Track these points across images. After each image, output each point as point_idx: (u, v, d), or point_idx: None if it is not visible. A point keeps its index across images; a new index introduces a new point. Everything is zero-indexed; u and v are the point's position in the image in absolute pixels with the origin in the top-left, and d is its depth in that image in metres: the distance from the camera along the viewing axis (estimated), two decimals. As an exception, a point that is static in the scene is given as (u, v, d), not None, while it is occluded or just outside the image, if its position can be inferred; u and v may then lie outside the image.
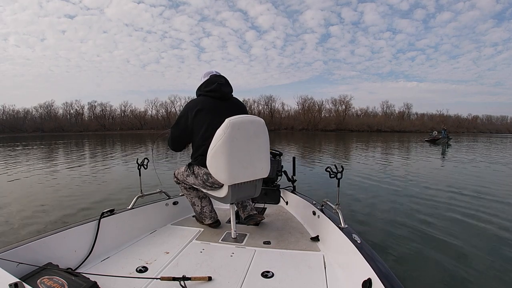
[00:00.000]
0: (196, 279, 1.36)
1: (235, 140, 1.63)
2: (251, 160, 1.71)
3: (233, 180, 1.69)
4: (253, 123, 1.71)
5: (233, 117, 1.64)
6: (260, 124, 1.74)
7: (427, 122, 74.69)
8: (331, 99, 76.95)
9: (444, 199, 4.88)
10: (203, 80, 1.91)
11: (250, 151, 1.70)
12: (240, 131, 1.64)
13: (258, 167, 1.76)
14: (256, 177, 1.79)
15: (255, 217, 2.10)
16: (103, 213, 1.78)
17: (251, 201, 2.26)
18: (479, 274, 2.43)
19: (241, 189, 1.78)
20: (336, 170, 1.74)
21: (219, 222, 2.17)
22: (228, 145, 1.61)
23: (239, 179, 1.71)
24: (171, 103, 74.36)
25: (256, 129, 1.72)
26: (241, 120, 1.65)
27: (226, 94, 1.87)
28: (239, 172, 1.69)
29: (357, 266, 1.28)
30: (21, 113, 68.36)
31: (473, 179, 6.94)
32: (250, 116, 1.74)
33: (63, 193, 5.38)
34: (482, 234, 3.30)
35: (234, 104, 1.91)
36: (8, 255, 1.23)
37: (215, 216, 2.16)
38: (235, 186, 1.74)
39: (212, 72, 1.97)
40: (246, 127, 1.67)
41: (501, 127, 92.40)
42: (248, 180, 1.76)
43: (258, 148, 1.73)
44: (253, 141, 1.70)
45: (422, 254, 2.80)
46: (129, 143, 23.03)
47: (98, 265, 1.55)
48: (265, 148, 1.78)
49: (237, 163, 1.66)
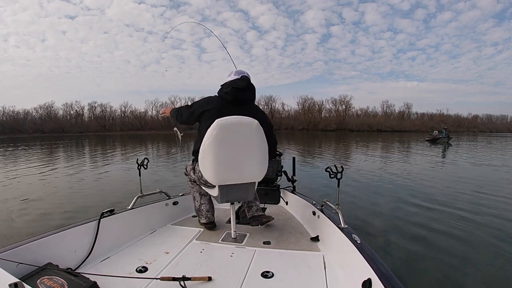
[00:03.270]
0: (196, 279, 1.36)
1: (223, 141, 1.60)
2: (241, 163, 1.66)
3: (220, 181, 1.68)
4: (244, 125, 1.64)
5: (223, 118, 1.62)
6: (253, 126, 1.64)
7: (427, 121, 74.62)
8: (331, 99, 76.98)
9: (444, 199, 4.87)
10: (228, 79, 1.91)
11: (239, 154, 1.65)
12: (229, 132, 1.61)
13: (248, 171, 1.69)
14: (246, 180, 1.73)
15: (260, 219, 2.05)
16: (103, 213, 1.78)
17: (257, 201, 2.20)
18: (479, 274, 2.43)
19: (231, 191, 1.75)
20: (336, 170, 1.73)
21: (214, 225, 2.12)
22: (215, 146, 1.60)
23: (227, 181, 1.69)
24: (171, 103, 74.26)
25: (247, 131, 1.64)
26: (231, 121, 1.62)
27: (239, 99, 1.82)
28: (226, 174, 1.66)
29: (357, 266, 1.28)
30: (21, 114, 68.32)
31: (474, 179, 6.94)
32: (242, 117, 1.66)
33: (63, 193, 5.38)
34: (482, 234, 3.29)
35: (247, 110, 1.80)
36: (8, 255, 1.23)
37: (211, 217, 2.11)
38: (224, 187, 1.71)
39: (243, 73, 1.93)
40: (235, 129, 1.62)
41: (501, 126, 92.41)
42: (238, 183, 1.72)
43: (249, 151, 1.66)
44: (243, 143, 1.64)
45: (422, 254, 2.79)
46: (129, 144, 23.02)
47: (98, 265, 1.55)
48: (257, 151, 1.68)
49: (224, 165, 1.64)
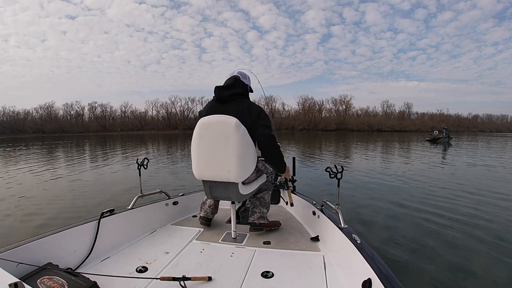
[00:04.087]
0: (196, 279, 1.36)
1: (202, 139, 1.70)
2: (218, 161, 1.68)
3: (200, 176, 1.78)
4: (222, 123, 1.64)
5: (205, 117, 1.71)
6: (230, 125, 1.62)
7: (428, 121, 74.50)
8: (331, 99, 76.84)
9: (445, 199, 4.87)
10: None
11: (217, 152, 1.67)
12: (208, 130, 1.68)
13: (224, 170, 1.68)
14: (224, 180, 1.72)
15: (258, 228, 2.00)
16: (103, 213, 1.78)
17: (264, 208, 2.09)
18: (480, 275, 2.43)
19: (213, 188, 1.81)
20: (336, 170, 1.74)
21: (209, 222, 2.14)
22: (196, 143, 1.72)
23: (206, 177, 1.76)
24: (172, 103, 74.29)
25: (223, 130, 1.64)
26: (210, 120, 1.68)
27: (221, 98, 1.82)
28: (205, 170, 1.74)
29: (357, 266, 1.28)
30: (22, 115, 68.28)
31: (475, 179, 6.94)
32: (221, 116, 1.68)
33: (63, 193, 5.39)
34: (483, 234, 3.29)
35: (232, 108, 1.77)
36: (8, 255, 1.23)
37: (209, 214, 2.14)
38: (207, 182, 1.81)
39: (234, 73, 1.94)
40: (213, 128, 1.67)
41: (502, 126, 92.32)
42: (217, 181, 1.75)
43: (226, 150, 1.65)
44: (220, 142, 1.65)
45: (422, 254, 2.79)
46: (130, 144, 23.03)
47: (98, 265, 1.55)
48: (235, 150, 1.64)
49: (203, 161, 1.73)
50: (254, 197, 2.06)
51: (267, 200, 2.09)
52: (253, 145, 1.74)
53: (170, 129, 63.92)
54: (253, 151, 1.74)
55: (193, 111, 67.91)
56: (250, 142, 1.70)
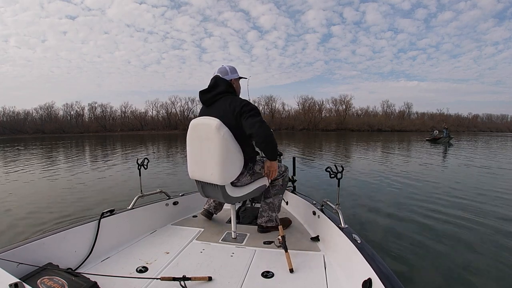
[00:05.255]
0: (196, 279, 1.36)
1: (190, 141, 1.79)
2: (203, 162, 1.73)
3: (193, 176, 1.86)
4: (205, 125, 1.68)
5: (194, 119, 1.80)
6: (212, 127, 1.62)
7: (428, 121, 74.51)
8: (331, 99, 76.78)
9: (445, 199, 4.86)
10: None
11: (202, 153, 1.72)
12: (195, 132, 1.75)
13: (208, 172, 1.71)
14: (210, 181, 1.74)
15: (265, 230, 2.01)
16: (103, 213, 1.78)
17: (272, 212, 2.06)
18: (480, 275, 2.43)
19: (205, 188, 1.87)
20: (336, 170, 1.74)
21: (210, 216, 2.27)
22: (187, 144, 1.82)
23: (195, 176, 1.84)
24: (172, 104, 74.24)
25: (206, 132, 1.67)
26: (197, 122, 1.76)
27: (206, 101, 1.85)
28: (195, 170, 1.82)
29: (357, 266, 1.28)
30: (22, 115, 68.24)
31: (475, 179, 6.94)
32: (205, 118, 1.72)
33: (63, 194, 5.38)
34: (483, 234, 3.28)
35: (216, 109, 1.78)
36: (8, 255, 1.23)
37: (211, 208, 2.27)
38: (199, 182, 1.88)
39: (215, 72, 1.92)
40: (199, 129, 1.73)
41: (502, 126, 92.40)
42: (206, 181, 1.78)
43: (209, 152, 1.67)
44: (204, 144, 1.69)
45: (423, 254, 2.79)
46: (130, 144, 23.03)
47: (98, 265, 1.55)
48: (216, 153, 1.64)
49: (192, 162, 1.82)
50: (264, 202, 2.05)
51: (277, 204, 2.06)
52: (239, 148, 1.71)
53: (170, 129, 63.82)
54: (237, 154, 1.71)
55: (193, 111, 67.82)
56: (234, 144, 1.68)
